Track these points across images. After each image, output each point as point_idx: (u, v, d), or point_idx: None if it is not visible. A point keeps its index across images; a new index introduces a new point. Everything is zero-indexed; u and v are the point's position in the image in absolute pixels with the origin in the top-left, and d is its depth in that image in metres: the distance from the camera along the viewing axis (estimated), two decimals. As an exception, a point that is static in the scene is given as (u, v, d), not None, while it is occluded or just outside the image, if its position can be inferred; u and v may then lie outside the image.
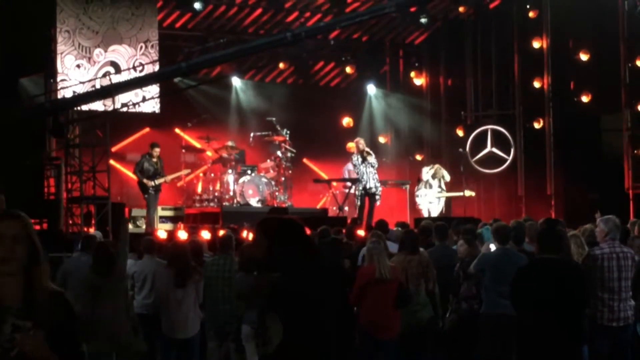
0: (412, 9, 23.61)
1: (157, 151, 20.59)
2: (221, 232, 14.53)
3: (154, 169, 20.41)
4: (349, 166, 21.85)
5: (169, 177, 20.89)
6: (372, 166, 20.64)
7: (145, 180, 20.27)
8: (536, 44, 24.33)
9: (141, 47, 21.56)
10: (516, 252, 10.77)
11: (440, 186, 22.93)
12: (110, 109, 19.37)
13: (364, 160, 20.57)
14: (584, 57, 23.45)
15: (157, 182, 20.36)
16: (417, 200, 22.95)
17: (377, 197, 20.73)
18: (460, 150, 24.29)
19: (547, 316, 8.16)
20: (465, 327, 11.36)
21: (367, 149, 20.93)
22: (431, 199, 22.82)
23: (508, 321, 9.72)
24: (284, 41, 15.21)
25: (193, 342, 11.61)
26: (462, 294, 11.50)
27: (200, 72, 23.02)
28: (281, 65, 25.43)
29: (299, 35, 14.86)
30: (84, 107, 19.22)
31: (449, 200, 23.50)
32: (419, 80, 27.02)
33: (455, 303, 11.57)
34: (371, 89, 26.79)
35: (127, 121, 22.39)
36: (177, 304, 11.48)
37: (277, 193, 22.33)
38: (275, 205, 21.55)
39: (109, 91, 17.62)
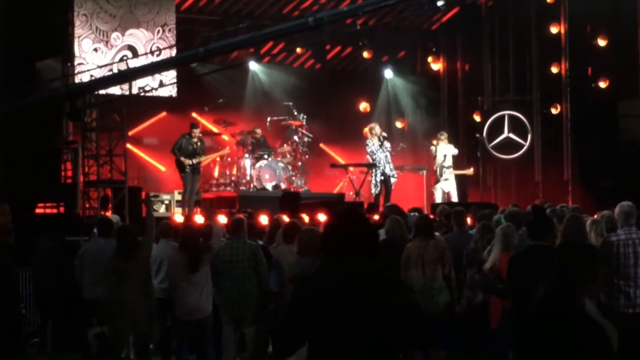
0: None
1: (196, 132, 20.50)
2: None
3: (193, 148, 20.31)
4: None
5: (204, 158, 20.72)
6: (388, 150, 20.60)
7: (182, 159, 20.23)
8: (554, 29, 24.23)
9: (158, 31, 21.57)
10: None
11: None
12: (127, 93, 19.39)
13: (382, 145, 20.52)
14: (601, 42, 23.33)
15: (195, 161, 20.30)
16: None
17: (394, 180, 20.71)
18: (477, 135, 24.22)
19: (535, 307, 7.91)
20: (474, 314, 11.40)
21: (384, 133, 20.91)
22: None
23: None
24: (305, 26, 14.99)
25: (207, 322, 11.62)
26: (467, 282, 11.53)
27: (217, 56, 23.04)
28: (298, 49, 25.34)
29: (321, 19, 14.63)
30: (101, 91, 19.27)
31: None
32: (436, 65, 26.96)
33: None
34: (388, 73, 26.70)
35: (144, 105, 22.43)
36: (191, 287, 11.48)
37: (293, 178, 22.33)
38: (292, 190, 21.57)
39: (126, 76, 17.60)
